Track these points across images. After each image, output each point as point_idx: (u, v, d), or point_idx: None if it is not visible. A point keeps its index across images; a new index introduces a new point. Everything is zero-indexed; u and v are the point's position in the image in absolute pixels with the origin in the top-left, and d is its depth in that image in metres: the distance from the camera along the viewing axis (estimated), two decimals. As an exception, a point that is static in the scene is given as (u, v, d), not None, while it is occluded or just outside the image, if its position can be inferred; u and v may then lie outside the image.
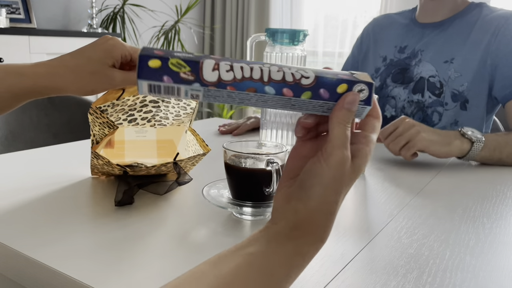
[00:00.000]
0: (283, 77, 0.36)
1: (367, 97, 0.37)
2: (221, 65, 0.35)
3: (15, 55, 2.13)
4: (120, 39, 0.61)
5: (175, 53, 0.35)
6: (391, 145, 0.85)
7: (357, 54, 1.31)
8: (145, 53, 0.34)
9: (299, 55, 0.89)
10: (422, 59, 1.13)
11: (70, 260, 0.45)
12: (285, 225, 0.36)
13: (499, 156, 0.88)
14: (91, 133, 0.67)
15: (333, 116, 0.36)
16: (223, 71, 0.35)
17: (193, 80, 0.34)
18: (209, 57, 0.35)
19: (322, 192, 0.36)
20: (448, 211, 0.64)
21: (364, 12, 3.20)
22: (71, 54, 0.59)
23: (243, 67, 0.35)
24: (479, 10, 1.10)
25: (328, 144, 0.36)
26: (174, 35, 3.08)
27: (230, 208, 0.57)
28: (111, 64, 0.58)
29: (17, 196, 0.62)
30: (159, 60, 0.34)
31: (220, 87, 0.35)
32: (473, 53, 1.06)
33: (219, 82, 0.35)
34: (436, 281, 0.44)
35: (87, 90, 0.58)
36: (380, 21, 1.29)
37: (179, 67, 0.34)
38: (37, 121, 1.23)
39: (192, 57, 0.35)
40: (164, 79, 0.34)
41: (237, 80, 0.35)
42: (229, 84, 0.35)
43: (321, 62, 3.40)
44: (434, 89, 1.09)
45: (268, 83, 0.36)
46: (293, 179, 0.39)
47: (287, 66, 0.37)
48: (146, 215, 0.58)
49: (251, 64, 0.36)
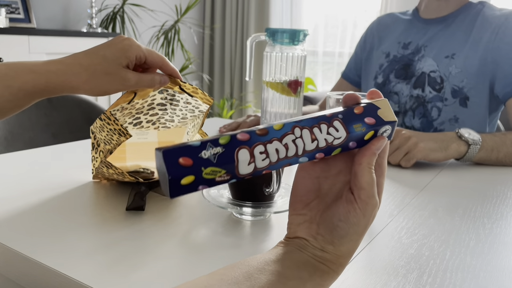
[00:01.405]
0: (317, 146, 0.35)
1: (389, 134, 0.39)
2: (256, 156, 0.33)
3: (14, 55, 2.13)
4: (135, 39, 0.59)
5: (203, 154, 0.31)
6: (390, 158, 0.87)
7: (361, 53, 1.32)
8: (174, 173, 0.30)
9: (299, 55, 0.89)
10: (425, 55, 1.13)
11: (70, 261, 0.45)
12: (313, 258, 0.37)
13: (496, 156, 0.89)
14: (91, 135, 0.66)
15: (363, 161, 0.37)
16: (258, 161, 0.33)
17: (229, 179, 0.33)
18: (240, 145, 0.32)
19: (355, 239, 0.37)
20: (449, 211, 0.63)
21: (364, 12, 3.20)
22: (85, 53, 0.57)
23: (278, 149, 0.34)
24: (481, 8, 1.11)
25: (362, 193, 0.36)
26: (174, 35, 3.08)
27: (230, 208, 0.57)
28: (125, 64, 0.57)
29: (17, 197, 0.62)
30: (193, 176, 0.31)
31: (256, 174, 0.34)
32: (474, 50, 1.06)
33: (255, 171, 0.33)
34: (436, 281, 0.44)
35: (100, 90, 0.57)
36: (384, 19, 1.30)
37: (214, 174, 0.32)
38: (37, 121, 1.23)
39: (222, 153, 0.31)
40: (200, 188, 0.32)
41: (272, 164, 0.34)
42: (265, 169, 0.34)
43: (321, 62, 3.40)
44: (435, 84, 1.09)
45: (303, 155, 0.35)
46: (309, 205, 0.39)
47: (317, 123, 0.35)
48: (145, 215, 0.58)
49: (284, 138, 0.34)
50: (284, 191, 0.61)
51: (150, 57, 0.59)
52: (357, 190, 0.37)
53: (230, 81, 3.72)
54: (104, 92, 0.57)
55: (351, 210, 0.36)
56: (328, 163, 0.39)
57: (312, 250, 0.37)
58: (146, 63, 0.60)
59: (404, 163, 0.85)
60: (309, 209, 0.39)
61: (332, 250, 0.37)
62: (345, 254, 0.37)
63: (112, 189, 0.67)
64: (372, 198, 0.37)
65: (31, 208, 0.59)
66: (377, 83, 1.21)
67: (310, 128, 0.35)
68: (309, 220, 0.38)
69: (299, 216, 0.39)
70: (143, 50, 0.58)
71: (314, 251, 0.37)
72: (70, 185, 0.68)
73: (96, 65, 0.56)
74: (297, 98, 0.91)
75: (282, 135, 0.34)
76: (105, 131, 0.63)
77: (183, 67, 3.19)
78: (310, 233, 0.38)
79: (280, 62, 0.89)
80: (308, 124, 0.35)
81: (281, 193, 0.60)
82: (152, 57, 0.59)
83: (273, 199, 0.58)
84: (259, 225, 0.56)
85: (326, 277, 0.36)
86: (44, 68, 0.55)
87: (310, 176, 0.39)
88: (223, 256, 0.48)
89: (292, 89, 0.90)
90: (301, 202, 0.39)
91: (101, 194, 0.65)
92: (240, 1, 3.53)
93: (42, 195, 0.63)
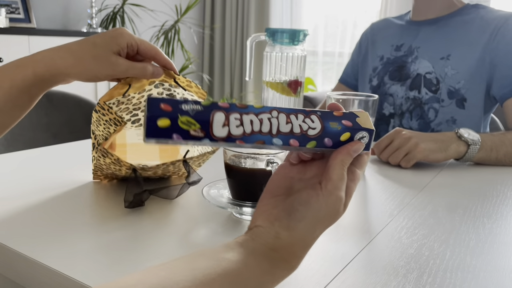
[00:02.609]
0: (291, 129, 0.37)
1: (367, 143, 0.40)
2: (231, 121, 0.35)
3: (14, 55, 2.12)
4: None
5: (183, 106, 0.34)
6: (390, 159, 0.87)
7: (357, 57, 1.33)
8: (153, 112, 0.33)
9: (299, 55, 0.89)
10: (418, 56, 1.14)
11: (70, 260, 0.45)
12: (264, 245, 0.36)
13: (496, 156, 0.89)
14: (91, 135, 0.65)
15: (337, 158, 0.38)
16: (233, 127, 0.35)
17: (203, 137, 0.34)
18: (218, 109, 0.35)
19: (311, 226, 0.37)
20: (449, 211, 0.63)
21: (364, 12, 3.20)
22: (77, 41, 0.57)
23: (252, 121, 0.35)
24: (477, 10, 1.12)
25: (329, 183, 0.37)
26: (174, 35, 3.08)
27: (230, 208, 0.57)
28: (116, 51, 0.56)
29: (17, 197, 0.62)
30: (168, 120, 0.33)
31: (230, 141, 0.35)
32: (471, 51, 1.06)
33: (229, 137, 0.35)
34: (436, 281, 0.44)
35: (89, 74, 0.56)
36: (378, 24, 1.32)
37: (189, 125, 0.34)
38: (37, 121, 1.23)
39: (200, 111, 0.34)
40: (174, 137, 0.34)
41: (246, 134, 0.35)
42: (238, 138, 0.35)
43: (321, 62, 3.40)
44: (431, 85, 1.10)
45: (276, 135, 0.36)
46: (276, 197, 0.40)
47: (295, 112, 0.37)
48: (145, 215, 0.58)
49: (261, 114, 0.36)
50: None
51: (143, 45, 0.59)
52: (325, 180, 0.38)
53: (230, 81, 3.72)
54: (94, 76, 0.57)
55: (313, 195, 0.37)
56: (305, 167, 0.41)
57: (266, 238, 0.37)
58: (139, 53, 0.60)
59: (404, 164, 0.86)
60: (274, 199, 0.40)
61: (286, 237, 0.36)
62: (299, 242, 0.37)
63: (112, 189, 0.67)
64: (338, 190, 0.37)
65: (31, 208, 0.59)
66: (372, 86, 1.22)
67: (287, 114, 0.37)
68: (271, 208, 0.39)
69: (263, 206, 0.40)
70: (135, 39, 0.58)
71: (267, 239, 0.37)
72: (70, 185, 0.68)
73: (84, 50, 0.56)
74: (297, 98, 0.91)
75: (259, 112, 0.36)
76: (102, 125, 0.62)
77: (183, 67, 3.19)
78: (268, 219, 0.38)
79: (280, 62, 0.89)
80: (286, 111, 0.37)
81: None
82: (145, 46, 0.59)
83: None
84: (259, 225, 0.56)
85: (277, 265, 0.36)
86: (29, 59, 0.55)
87: (286, 175, 0.41)
88: (223, 256, 0.48)
89: (292, 89, 0.90)
90: (270, 193, 0.40)
91: (101, 194, 0.65)
92: (240, 1, 3.53)
93: (42, 195, 0.63)
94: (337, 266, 0.46)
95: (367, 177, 0.79)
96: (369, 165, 0.86)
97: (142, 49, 0.59)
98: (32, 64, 0.54)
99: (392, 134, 0.89)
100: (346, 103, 0.79)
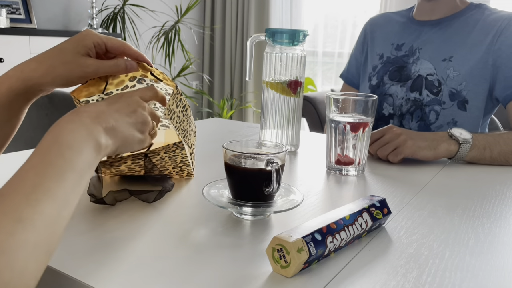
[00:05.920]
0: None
1: None
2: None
3: (15, 56, 2.13)
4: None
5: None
6: (379, 152, 0.88)
7: (360, 55, 1.31)
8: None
9: (299, 55, 0.89)
10: (420, 57, 1.13)
11: (69, 260, 0.45)
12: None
13: (490, 155, 0.88)
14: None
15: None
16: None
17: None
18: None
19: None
20: (448, 211, 0.64)
21: (364, 12, 3.21)
22: (46, 50, 0.59)
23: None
24: (480, 11, 1.10)
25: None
26: (174, 35, 3.09)
27: (230, 208, 0.57)
28: (84, 52, 0.58)
29: (18, 196, 0.62)
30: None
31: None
32: (474, 53, 1.06)
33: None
34: (435, 280, 0.44)
35: (62, 80, 0.58)
36: (377, 20, 1.30)
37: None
38: (37, 121, 1.23)
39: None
40: None
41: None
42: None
43: (321, 62, 3.40)
44: (432, 87, 1.09)
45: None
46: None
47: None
48: (146, 214, 0.58)
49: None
50: (284, 191, 0.62)
51: (110, 42, 0.60)
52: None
53: (230, 81, 3.72)
54: (67, 81, 0.58)
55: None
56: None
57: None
58: (108, 50, 0.61)
59: (391, 158, 0.87)
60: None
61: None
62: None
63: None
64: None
65: (31, 208, 0.59)
66: (372, 85, 1.20)
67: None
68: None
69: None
70: (101, 37, 0.60)
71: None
72: (71, 185, 0.68)
73: (52, 57, 0.57)
74: (297, 98, 0.91)
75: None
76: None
77: (183, 67, 3.19)
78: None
79: (280, 62, 0.89)
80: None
81: (281, 193, 0.61)
82: (112, 43, 0.61)
83: (273, 199, 0.58)
84: (259, 225, 0.56)
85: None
86: (3, 76, 0.57)
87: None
88: (223, 256, 0.48)
89: (292, 89, 0.90)
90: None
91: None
92: (240, 2, 3.54)
93: (43, 195, 0.63)
94: (336, 266, 0.47)
95: (367, 177, 0.79)
96: (368, 164, 0.87)
97: (110, 46, 0.60)
98: (7, 80, 0.57)
99: (384, 129, 0.89)
100: (346, 103, 0.79)
